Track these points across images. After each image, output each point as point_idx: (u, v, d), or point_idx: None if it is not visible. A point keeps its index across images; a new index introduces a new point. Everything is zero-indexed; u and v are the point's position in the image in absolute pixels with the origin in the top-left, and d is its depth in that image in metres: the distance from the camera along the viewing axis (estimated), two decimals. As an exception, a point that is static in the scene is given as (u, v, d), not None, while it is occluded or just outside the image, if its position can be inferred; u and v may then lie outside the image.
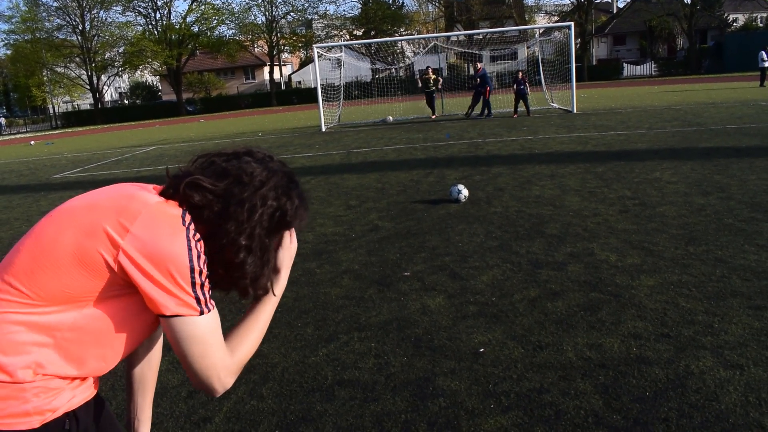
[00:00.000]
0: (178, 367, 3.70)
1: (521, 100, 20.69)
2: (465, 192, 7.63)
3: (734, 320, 3.70)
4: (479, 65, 22.39)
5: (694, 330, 3.62)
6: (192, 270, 1.31)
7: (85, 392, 1.44)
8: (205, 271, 1.34)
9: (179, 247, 1.30)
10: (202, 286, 1.33)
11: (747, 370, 3.10)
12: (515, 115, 20.79)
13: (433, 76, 22.93)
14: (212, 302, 1.36)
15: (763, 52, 26.57)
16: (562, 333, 3.73)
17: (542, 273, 4.84)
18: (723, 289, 4.20)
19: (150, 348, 1.77)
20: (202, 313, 1.33)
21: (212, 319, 1.36)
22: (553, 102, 24.13)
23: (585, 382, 3.13)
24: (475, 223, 6.58)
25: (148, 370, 1.77)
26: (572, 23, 22.79)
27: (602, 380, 3.14)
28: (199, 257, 1.32)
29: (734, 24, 59.05)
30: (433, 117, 23.27)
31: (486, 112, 21.66)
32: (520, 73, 20.89)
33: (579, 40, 51.06)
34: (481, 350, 3.60)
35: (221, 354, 1.37)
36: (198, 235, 1.36)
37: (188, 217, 1.37)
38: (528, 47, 37.49)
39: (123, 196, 1.36)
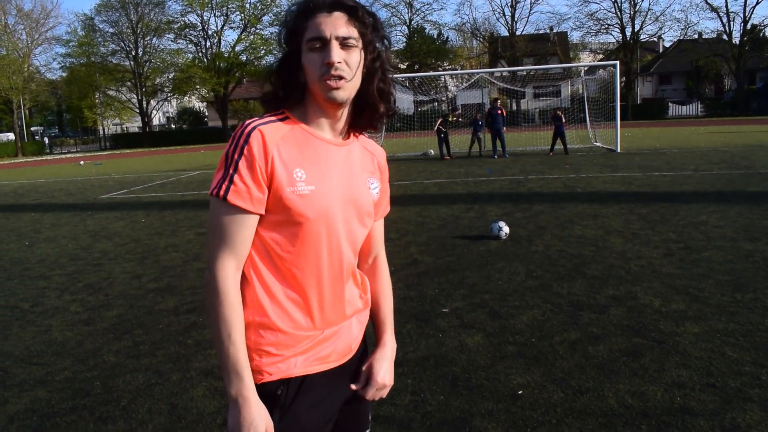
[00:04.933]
0: (215, 394, 3.73)
1: (559, 138, 20.62)
2: (506, 229, 7.59)
3: (784, 374, 3.58)
4: (498, 103, 21.44)
5: (741, 381, 3.51)
6: (227, 156, 1.47)
7: (312, 364, 1.52)
8: (238, 163, 1.44)
9: (230, 142, 1.49)
10: (225, 175, 1.45)
11: (797, 427, 3.00)
12: (551, 153, 20.69)
13: (453, 118, 21.57)
14: (237, 196, 1.44)
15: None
16: (603, 378, 3.66)
17: (584, 315, 4.77)
18: (772, 341, 4.07)
19: (375, 276, 1.82)
20: (214, 193, 1.45)
21: (225, 209, 1.45)
22: (596, 141, 23.91)
23: (627, 431, 3.06)
24: (515, 261, 6.53)
25: (379, 299, 1.81)
26: (617, 62, 22.68)
27: (645, 429, 3.06)
28: (235, 149, 1.45)
29: (784, 66, 58.01)
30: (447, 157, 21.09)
31: (477, 147, 21.93)
32: (558, 111, 20.88)
33: (624, 79, 50.69)
34: (520, 392, 3.55)
35: (217, 252, 1.45)
36: (261, 137, 1.46)
37: (256, 123, 1.49)
38: (572, 85, 37.37)
39: None
